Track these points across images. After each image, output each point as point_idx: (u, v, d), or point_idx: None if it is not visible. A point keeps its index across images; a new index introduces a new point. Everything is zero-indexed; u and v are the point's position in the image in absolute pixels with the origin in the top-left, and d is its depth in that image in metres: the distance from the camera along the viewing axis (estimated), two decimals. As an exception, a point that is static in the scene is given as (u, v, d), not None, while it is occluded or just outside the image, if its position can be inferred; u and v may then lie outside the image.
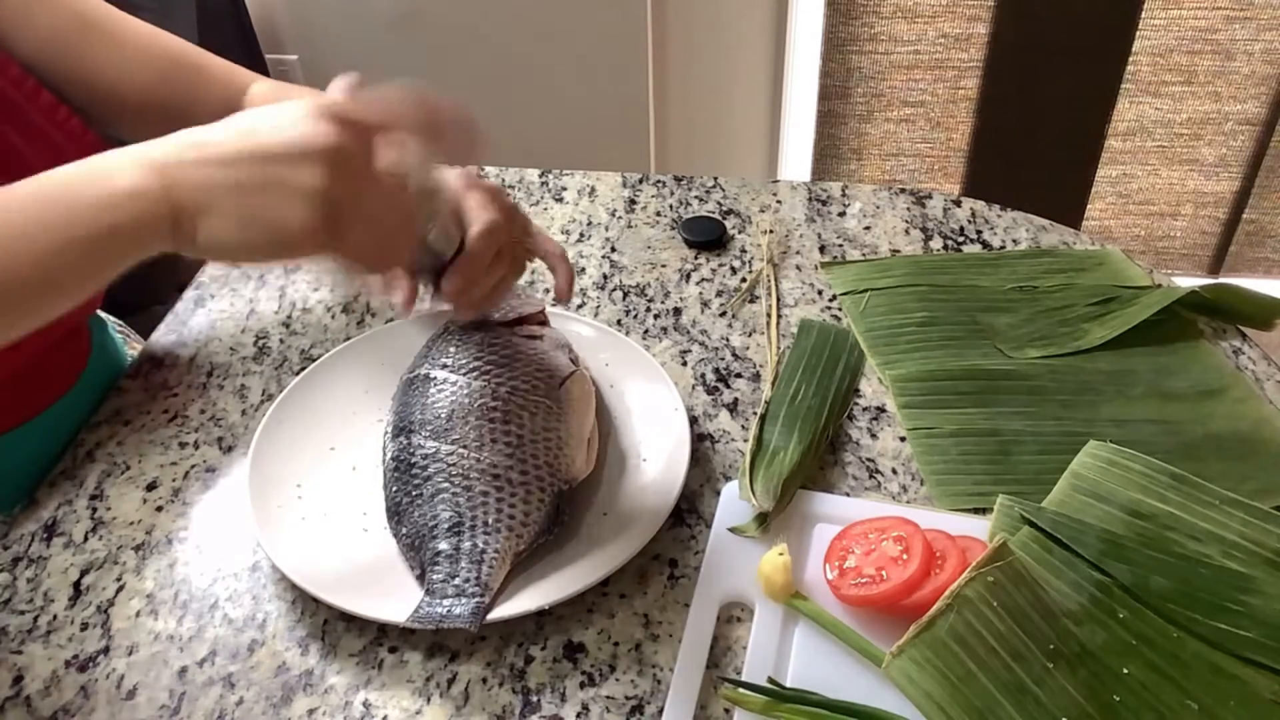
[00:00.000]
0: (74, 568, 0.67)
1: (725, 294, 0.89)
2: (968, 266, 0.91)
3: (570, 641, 0.62)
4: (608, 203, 1.01)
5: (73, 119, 0.74)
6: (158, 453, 0.76)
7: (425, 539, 0.63)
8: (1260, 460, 0.71)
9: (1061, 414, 0.76)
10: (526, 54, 2.00)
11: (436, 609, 0.59)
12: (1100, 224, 2.22)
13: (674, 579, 0.65)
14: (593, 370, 0.76)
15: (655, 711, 0.58)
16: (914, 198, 1.00)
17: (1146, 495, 0.66)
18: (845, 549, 0.62)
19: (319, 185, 0.48)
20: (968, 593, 0.55)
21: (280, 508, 0.67)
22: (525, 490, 0.64)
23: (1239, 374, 0.79)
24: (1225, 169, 2.11)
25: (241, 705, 0.59)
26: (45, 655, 0.62)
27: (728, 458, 0.74)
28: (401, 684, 0.60)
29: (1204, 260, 2.26)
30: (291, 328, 0.87)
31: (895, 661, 0.54)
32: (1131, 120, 2.07)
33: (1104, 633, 0.57)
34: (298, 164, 0.48)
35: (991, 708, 0.53)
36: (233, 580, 0.66)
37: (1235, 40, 1.95)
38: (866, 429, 0.76)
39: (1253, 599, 0.60)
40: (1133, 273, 0.89)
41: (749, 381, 0.80)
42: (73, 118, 0.74)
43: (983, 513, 0.68)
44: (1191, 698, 0.55)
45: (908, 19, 1.98)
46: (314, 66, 2.05)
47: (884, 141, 2.14)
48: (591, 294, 0.90)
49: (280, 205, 0.48)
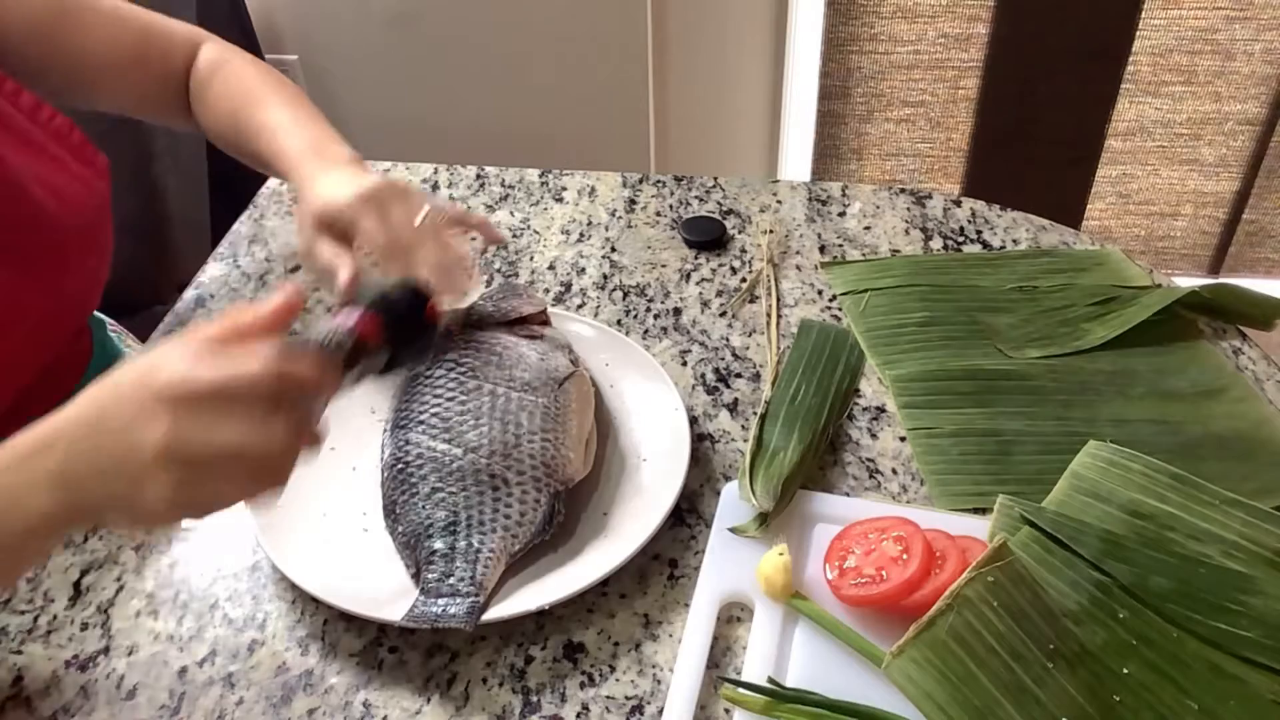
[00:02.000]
0: (74, 568, 0.67)
1: (725, 294, 0.89)
2: (968, 266, 0.91)
3: (570, 641, 0.62)
4: (608, 203, 1.01)
5: (56, 118, 0.74)
6: (158, 453, 0.75)
7: (421, 538, 0.63)
8: (1260, 460, 0.71)
9: (1061, 414, 0.76)
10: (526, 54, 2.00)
11: (432, 608, 0.59)
12: (1100, 224, 2.22)
13: (674, 579, 0.65)
14: (593, 370, 0.76)
15: (655, 711, 0.58)
16: (914, 198, 1.00)
17: (1146, 495, 0.66)
18: (845, 549, 0.62)
19: (164, 495, 0.47)
20: (968, 593, 0.55)
21: (280, 507, 0.67)
22: (521, 490, 0.64)
23: (1239, 374, 0.79)
24: (1225, 169, 2.11)
25: (241, 705, 0.59)
26: (45, 655, 0.62)
27: (728, 458, 0.74)
28: (401, 684, 0.60)
29: (1204, 260, 2.25)
30: (291, 328, 0.87)
31: (895, 661, 0.54)
32: (1131, 120, 2.06)
33: (1104, 633, 0.57)
34: (143, 479, 0.47)
35: (991, 708, 0.53)
36: (233, 580, 0.66)
37: (1235, 40, 1.95)
38: (866, 429, 0.76)
39: (1253, 599, 0.60)
40: (1133, 273, 0.89)
41: (749, 381, 0.80)
42: (56, 117, 0.74)
43: (983, 513, 0.68)
44: (1191, 698, 0.55)
45: (908, 19, 1.98)
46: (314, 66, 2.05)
47: (884, 141, 2.14)
48: (591, 294, 0.90)
49: (149, 499, 0.47)
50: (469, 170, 1.06)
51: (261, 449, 0.48)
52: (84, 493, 0.48)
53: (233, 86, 0.80)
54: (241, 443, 0.47)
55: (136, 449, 0.46)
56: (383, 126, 2.13)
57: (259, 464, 0.48)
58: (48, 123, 0.74)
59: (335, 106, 2.11)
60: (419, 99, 2.09)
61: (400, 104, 2.10)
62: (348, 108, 2.11)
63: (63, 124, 0.74)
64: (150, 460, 0.46)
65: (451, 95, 2.08)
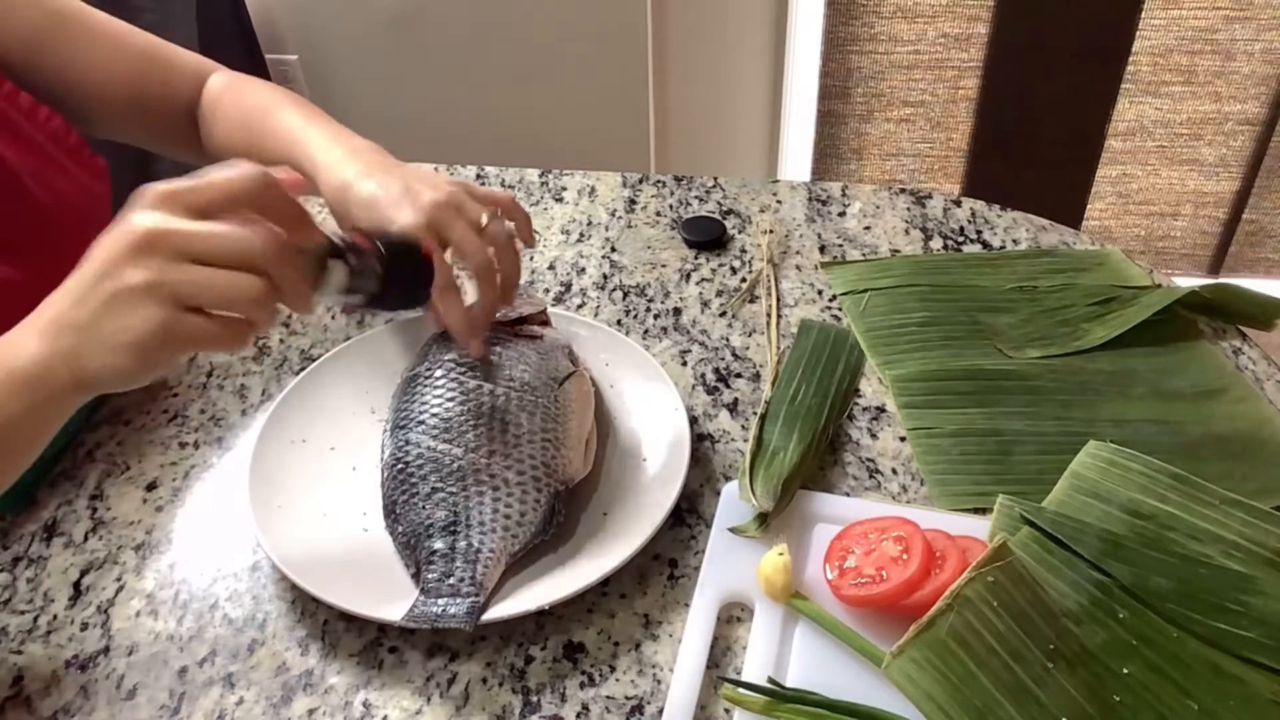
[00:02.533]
0: (74, 568, 0.67)
1: (725, 294, 0.89)
2: (968, 266, 0.91)
3: (570, 641, 0.62)
4: (608, 203, 1.01)
5: (54, 119, 0.74)
6: (158, 453, 0.76)
7: (421, 538, 0.63)
8: (1260, 460, 0.71)
9: (1061, 414, 0.76)
10: (526, 54, 2.00)
11: (431, 608, 0.59)
12: (1100, 224, 2.22)
13: (674, 579, 0.65)
14: (593, 370, 0.76)
15: (655, 711, 0.58)
16: (914, 198, 1.00)
17: (1146, 495, 0.66)
18: (845, 549, 0.62)
19: (144, 281, 0.48)
20: (968, 593, 0.55)
21: (280, 508, 0.67)
22: (521, 490, 0.64)
23: (1239, 374, 0.79)
24: (1225, 169, 2.12)
25: (241, 705, 0.59)
26: (45, 655, 0.62)
27: (728, 458, 0.74)
28: (401, 684, 0.60)
29: (1204, 260, 2.26)
30: (291, 328, 0.87)
31: (895, 661, 0.54)
32: (1131, 120, 2.07)
33: (1104, 633, 0.57)
34: (119, 270, 0.48)
35: (991, 708, 0.53)
36: (233, 580, 0.66)
37: (1235, 40, 1.95)
38: (866, 429, 0.76)
39: (1253, 599, 0.60)
40: (1133, 273, 0.89)
41: (749, 381, 0.80)
42: (54, 118, 0.74)
43: (983, 513, 0.68)
44: (1191, 698, 0.55)
45: (908, 19, 1.98)
46: (314, 66, 2.06)
47: (884, 141, 2.14)
48: (591, 294, 0.90)
49: (124, 316, 0.48)
50: (469, 170, 1.06)
51: (241, 249, 0.48)
52: (69, 330, 0.49)
53: (244, 98, 0.80)
54: (223, 237, 0.48)
55: (113, 261, 0.48)
56: (383, 126, 2.13)
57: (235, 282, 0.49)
58: (45, 123, 0.74)
59: (335, 106, 2.11)
60: (419, 99, 2.09)
61: (400, 104, 2.11)
62: (348, 108, 2.11)
63: (60, 125, 0.74)
64: (126, 255, 0.48)
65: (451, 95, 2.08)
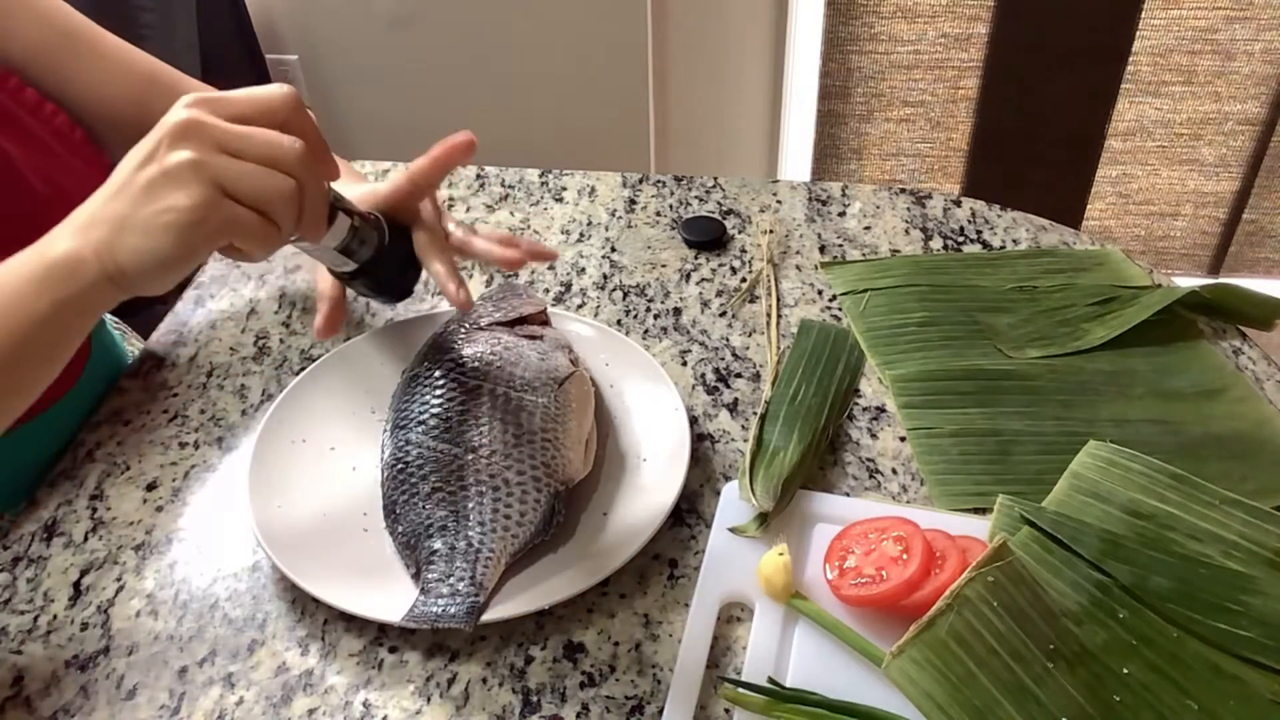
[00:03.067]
0: (74, 568, 0.67)
1: (725, 294, 0.89)
2: (968, 266, 0.91)
3: (570, 641, 0.62)
4: (608, 203, 1.01)
5: (59, 115, 0.74)
6: (158, 453, 0.76)
7: (420, 538, 0.63)
8: (1260, 460, 0.71)
9: (1061, 414, 0.76)
10: (526, 54, 2.00)
11: (431, 608, 0.59)
12: (1100, 224, 2.22)
13: (674, 579, 0.65)
14: (593, 370, 0.76)
15: (655, 711, 0.58)
16: (914, 198, 1.00)
17: (1146, 495, 0.66)
18: (845, 549, 0.62)
19: (187, 159, 0.50)
20: (968, 593, 0.55)
21: (280, 508, 0.67)
22: (521, 490, 0.64)
23: (1239, 374, 0.79)
24: (1225, 169, 2.11)
25: (241, 705, 0.59)
26: (45, 655, 0.62)
27: (728, 458, 0.74)
28: (401, 684, 0.60)
29: (1204, 260, 2.26)
30: (291, 328, 0.87)
31: (895, 661, 0.54)
32: (1131, 120, 2.07)
33: (1104, 633, 0.57)
34: (163, 154, 0.50)
35: (991, 708, 0.53)
36: (233, 580, 0.66)
37: (1235, 40, 1.95)
38: (866, 429, 0.76)
39: (1253, 599, 0.60)
40: (1133, 273, 0.89)
41: (749, 381, 0.80)
42: (59, 114, 0.74)
43: (983, 513, 0.68)
44: (1191, 698, 0.55)
45: (908, 19, 1.98)
46: (314, 66, 2.05)
47: (884, 141, 2.14)
48: (591, 294, 0.90)
49: (165, 197, 0.50)
50: (469, 170, 1.06)
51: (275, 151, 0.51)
52: (102, 223, 0.51)
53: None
54: (259, 135, 0.51)
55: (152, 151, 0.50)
56: (382, 126, 2.13)
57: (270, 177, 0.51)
58: (50, 120, 0.74)
59: (335, 106, 2.11)
60: (419, 99, 2.09)
61: (400, 104, 2.10)
62: (348, 108, 2.11)
63: (64, 122, 0.74)
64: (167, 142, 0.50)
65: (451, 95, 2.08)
